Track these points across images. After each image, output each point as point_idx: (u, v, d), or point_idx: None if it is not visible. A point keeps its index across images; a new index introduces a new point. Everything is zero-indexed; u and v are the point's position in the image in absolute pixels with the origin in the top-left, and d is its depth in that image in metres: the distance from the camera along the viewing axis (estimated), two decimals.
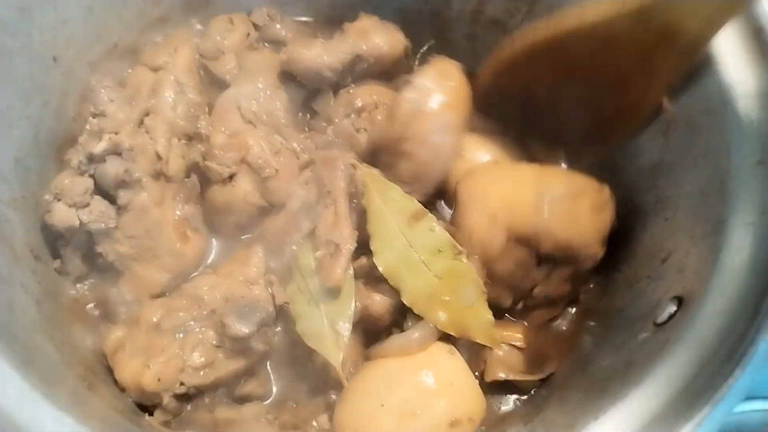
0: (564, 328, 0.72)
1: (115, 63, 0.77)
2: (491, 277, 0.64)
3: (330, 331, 0.62)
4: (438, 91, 0.68)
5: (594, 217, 0.64)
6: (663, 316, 0.54)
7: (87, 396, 0.53)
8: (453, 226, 0.67)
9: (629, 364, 0.52)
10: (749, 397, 0.46)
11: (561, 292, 0.68)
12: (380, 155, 0.71)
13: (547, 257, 0.65)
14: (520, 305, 0.69)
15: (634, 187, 0.70)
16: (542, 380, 0.68)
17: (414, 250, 0.63)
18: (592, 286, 0.72)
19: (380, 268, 0.63)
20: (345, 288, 0.63)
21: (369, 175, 0.67)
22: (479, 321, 0.61)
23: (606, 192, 0.66)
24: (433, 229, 0.63)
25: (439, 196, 0.74)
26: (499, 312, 0.68)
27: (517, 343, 0.68)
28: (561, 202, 0.63)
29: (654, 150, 0.67)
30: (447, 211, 0.74)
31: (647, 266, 0.63)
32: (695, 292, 0.52)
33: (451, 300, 0.61)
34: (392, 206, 0.65)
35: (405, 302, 0.62)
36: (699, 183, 0.59)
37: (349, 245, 0.64)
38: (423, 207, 0.65)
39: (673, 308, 0.54)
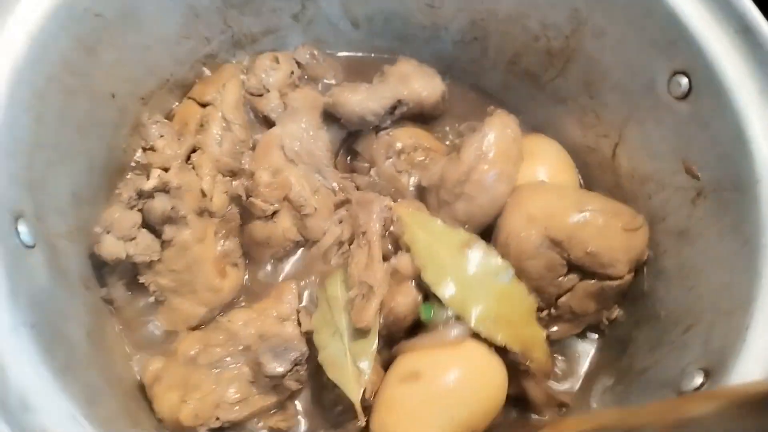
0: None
1: (165, 97, 0.80)
2: (522, 276, 0.68)
3: (352, 367, 0.64)
4: (500, 141, 0.73)
5: (625, 236, 0.69)
6: (689, 387, 0.56)
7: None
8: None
9: None
10: None
11: (585, 309, 0.71)
12: (438, 193, 0.74)
13: (575, 265, 0.69)
14: (545, 313, 0.72)
15: (659, 249, 0.72)
16: None
17: (472, 276, 0.66)
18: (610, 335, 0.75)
19: (445, 299, 0.65)
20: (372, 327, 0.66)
21: (406, 212, 0.71)
22: (536, 339, 0.66)
23: (640, 219, 0.70)
24: (487, 254, 0.67)
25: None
26: None
27: None
28: (596, 216, 0.69)
29: (681, 216, 0.70)
30: None
31: (670, 332, 0.65)
32: (721, 368, 0.54)
33: (511, 320, 0.65)
34: (440, 238, 0.69)
35: (473, 329, 0.64)
36: (726, 257, 0.61)
37: (383, 289, 0.66)
38: (470, 234, 0.69)
39: (699, 380, 0.56)
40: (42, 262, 0.56)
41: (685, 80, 0.67)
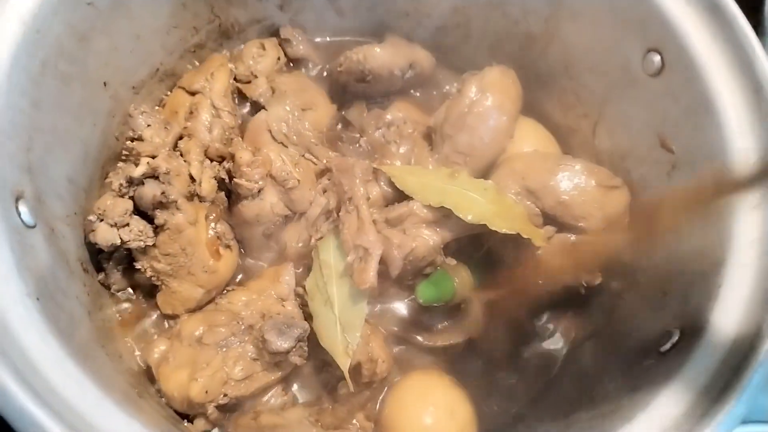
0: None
1: (155, 86, 0.82)
2: None
3: (341, 337, 0.67)
4: (499, 79, 0.80)
5: (599, 192, 0.72)
6: (666, 345, 0.59)
7: (140, 403, 0.57)
8: None
9: (635, 389, 0.57)
10: (746, 421, 0.51)
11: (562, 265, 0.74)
12: (442, 129, 0.80)
13: (550, 216, 0.73)
14: None
15: None
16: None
17: (466, 192, 0.72)
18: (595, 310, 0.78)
19: (466, 216, 0.70)
20: (361, 297, 0.69)
21: (390, 167, 0.77)
22: (536, 233, 0.71)
23: (617, 180, 0.74)
24: (471, 176, 0.74)
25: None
26: (503, 267, 0.76)
27: None
28: (570, 170, 0.73)
29: (658, 190, 0.73)
30: None
31: (650, 297, 0.68)
32: (696, 323, 0.57)
33: (508, 219, 0.70)
34: (428, 175, 0.75)
35: (480, 221, 0.69)
36: (701, 223, 0.64)
37: (378, 249, 0.69)
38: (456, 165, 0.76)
39: (675, 338, 0.59)
40: (42, 242, 0.57)
41: (657, 58, 0.70)
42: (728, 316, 0.55)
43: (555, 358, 0.77)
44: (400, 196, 0.75)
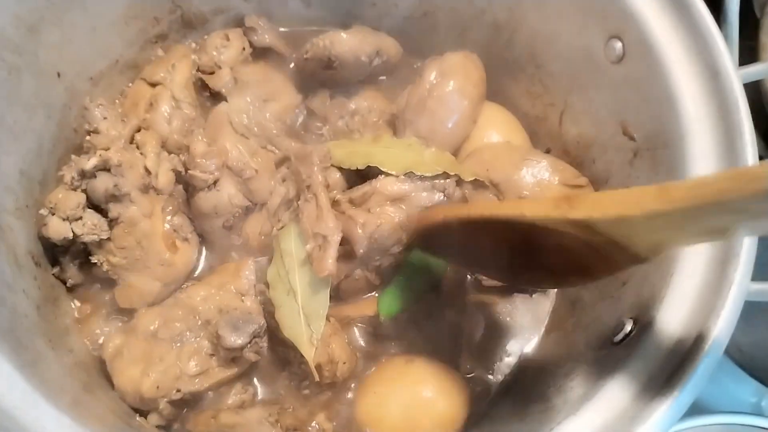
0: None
1: (115, 77, 0.81)
2: None
3: (305, 328, 0.66)
4: (461, 62, 0.80)
5: (560, 190, 0.72)
6: (619, 335, 0.59)
7: (85, 399, 0.56)
8: None
9: (587, 379, 0.57)
10: (697, 413, 0.50)
11: None
12: (403, 115, 0.80)
13: None
14: None
15: None
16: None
17: (391, 149, 0.73)
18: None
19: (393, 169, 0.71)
20: (323, 285, 0.67)
21: (335, 145, 0.77)
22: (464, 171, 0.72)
23: (582, 179, 0.74)
24: (396, 138, 0.77)
25: None
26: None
27: None
28: (535, 167, 0.73)
29: (621, 177, 0.72)
30: None
31: (610, 287, 0.67)
32: (649, 313, 0.56)
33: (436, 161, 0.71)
34: (355, 143, 0.77)
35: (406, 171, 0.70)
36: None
37: (336, 236, 0.67)
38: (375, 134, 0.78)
39: (628, 328, 0.58)
40: None
41: (619, 44, 0.70)
42: (679, 304, 0.55)
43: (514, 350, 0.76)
44: (362, 178, 0.74)
